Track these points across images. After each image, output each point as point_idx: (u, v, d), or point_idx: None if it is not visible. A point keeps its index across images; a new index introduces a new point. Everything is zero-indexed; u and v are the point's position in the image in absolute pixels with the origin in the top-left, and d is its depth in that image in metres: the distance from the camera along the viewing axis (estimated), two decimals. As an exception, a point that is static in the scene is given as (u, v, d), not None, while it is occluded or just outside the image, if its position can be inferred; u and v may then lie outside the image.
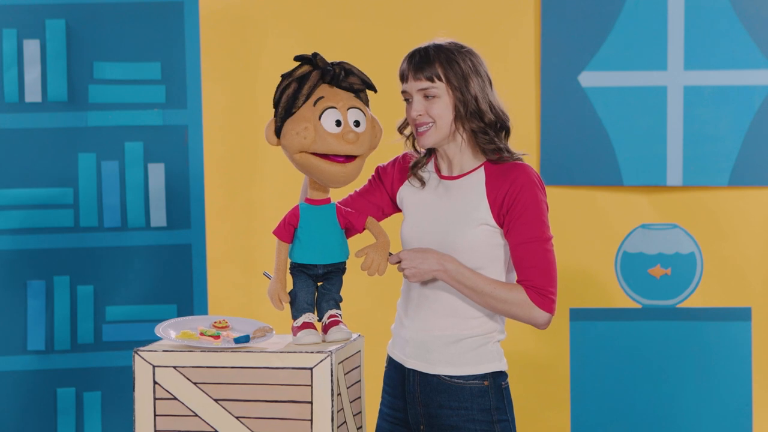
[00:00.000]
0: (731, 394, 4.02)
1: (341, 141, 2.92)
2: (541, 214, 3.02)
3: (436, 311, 3.06)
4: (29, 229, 4.07)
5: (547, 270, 3.01)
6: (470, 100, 3.01)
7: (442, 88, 3.01)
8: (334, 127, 2.92)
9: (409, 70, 3.03)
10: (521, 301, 3.00)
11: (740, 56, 4.42)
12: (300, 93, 2.93)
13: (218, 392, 2.86)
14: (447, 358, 3.06)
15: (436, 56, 3.01)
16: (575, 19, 4.47)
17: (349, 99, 2.96)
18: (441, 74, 3.01)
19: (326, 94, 2.95)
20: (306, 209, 2.99)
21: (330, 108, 2.93)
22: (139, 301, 4.12)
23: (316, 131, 2.92)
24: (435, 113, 3.02)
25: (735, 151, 4.44)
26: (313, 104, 2.93)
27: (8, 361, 4.07)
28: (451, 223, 3.04)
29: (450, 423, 3.06)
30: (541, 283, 3.00)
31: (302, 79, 2.94)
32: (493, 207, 3.01)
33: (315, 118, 2.92)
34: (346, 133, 2.92)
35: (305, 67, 2.95)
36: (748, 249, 4.48)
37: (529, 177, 3.03)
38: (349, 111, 2.94)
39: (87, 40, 4.09)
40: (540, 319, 3.02)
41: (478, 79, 3.03)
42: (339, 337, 2.97)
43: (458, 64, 3.02)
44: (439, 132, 3.04)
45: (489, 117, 3.03)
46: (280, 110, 2.94)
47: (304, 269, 3.00)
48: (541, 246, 3.01)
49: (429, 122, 3.03)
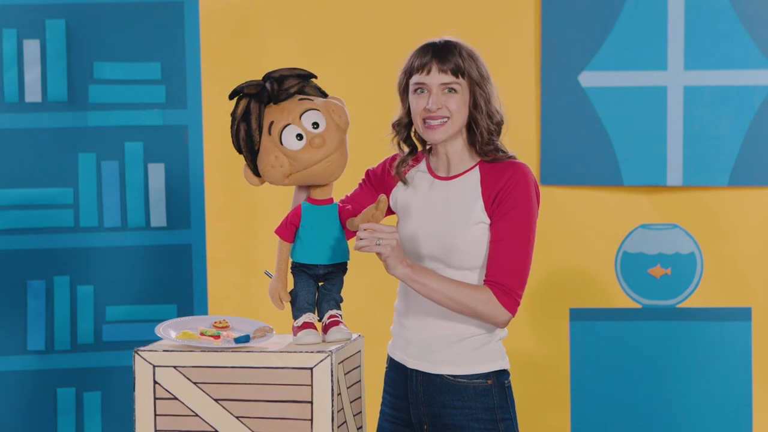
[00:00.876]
0: (731, 394, 4.02)
1: (311, 150, 2.92)
2: (529, 217, 3.01)
3: (437, 311, 3.05)
4: (29, 229, 4.07)
5: (520, 272, 3.00)
6: (486, 100, 3.03)
7: (464, 85, 3.02)
8: (298, 143, 2.92)
9: (433, 62, 3.01)
10: (486, 299, 2.97)
11: (740, 56, 4.42)
12: (252, 129, 2.93)
13: (218, 392, 2.86)
14: (450, 357, 3.06)
15: (460, 52, 3.02)
16: (575, 19, 4.47)
17: (296, 107, 2.95)
18: (465, 70, 3.01)
19: (274, 116, 2.94)
20: (308, 209, 3.00)
21: (286, 127, 2.92)
22: (139, 301, 4.12)
23: (286, 155, 2.92)
24: (453, 108, 3.01)
25: (735, 151, 4.44)
26: (268, 132, 2.93)
27: (8, 361, 4.07)
28: (449, 223, 3.03)
29: (454, 422, 3.06)
30: (510, 284, 2.98)
31: (246, 115, 2.94)
32: (487, 202, 3.01)
33: (277, 144, 2.92)
34: (312, 140, 2.92)
35: (242, 102, 2.94)
36: (748, 249, 4.48)
37: (526, 177, 3.03)
38: (303, 117, 2.93)
39: (87, 40, 4.09)
40: (501, 317, 3.00)
41: (490, 81, 3.06)
42: (339, 337, 2.97)
43: (476, 62, 3.03)
44: (453, 127, 3.03)
45: (497, 118, 3.06)
46: (245, 153, 2.95)
47: (305, 269, 3.00)
48: (520, 247, 3.00)
49: (445, 117, 3.02)
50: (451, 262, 3.02)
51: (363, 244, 2.91)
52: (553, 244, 4.44)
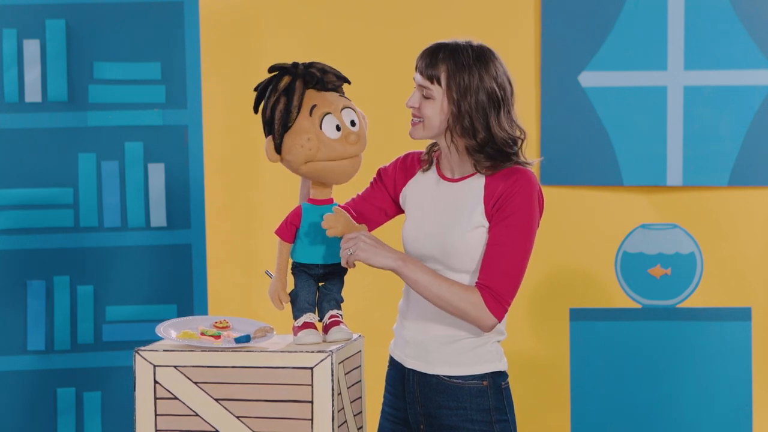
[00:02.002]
0: (731, 394, 4.02)
1: (345, 144, 2.95)
2: (529, 224, 2.98)
3: (435, 312, 3.05)
4: (29, 229, 4.07)
5: (512, 279, 2.97)
6: (465, 116, 2.96)
7: (439, 92, 2.99)
8: (335, 133, 2.95)
9: (419, 62, 3.01)
10: (475, 301, 2.95)
11: (740, 56, 4.42)
12: (291, 105, 2.93)
13: (219, 392, 2.86)
14: (446, 358, 3.05)
15: (445, 60, 2.97)
16: (575, 19, 4.47)
17: (338, 100, 2.98)
18: (442, 79, 2.98)
19: (317, 101, 2.95)
20: (308, 209, 3.00)
21: (327, 114, 2.94)
22: (139, 301, 4.12)
23: (320, 140, 2.93)
24: (425, 113, 3.00)
25: (735, 151, 4.44)
26: (309, 114, 2.94)
27: (8, 361, 4.06)
28: (450, 225, 3.03)
29: (449, 423, 3.05)
30: (500, 289, 2.95)
31: (288, 91, 2.94)
32: (487, 206, 3.00)
33: (316, 127, 2.94)
34: (348, 135, 2.95)
35: (286, 78, 2.95)
36: (748, 249, 4.48)
37: (530, 185, 2.99)
38: (343, 112, 2.97)
39: (87, 40, 4.09)
40: (488, 321, 2.97)
41: (479, 96, 2.96)
42: (339, 337, 2.97)
43: (465, 75, 2.96)
44: (427, 131, 3.02)
45: (481, 136, 2.97)
46: (277, 127, 2.94)
47: (306, 269, 3.00)
48: (516, 254, 2.97)
49: (419, 117, 3.03)
50: (450, 264, 3.02)
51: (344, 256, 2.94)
52: (553, 244, 4.44)
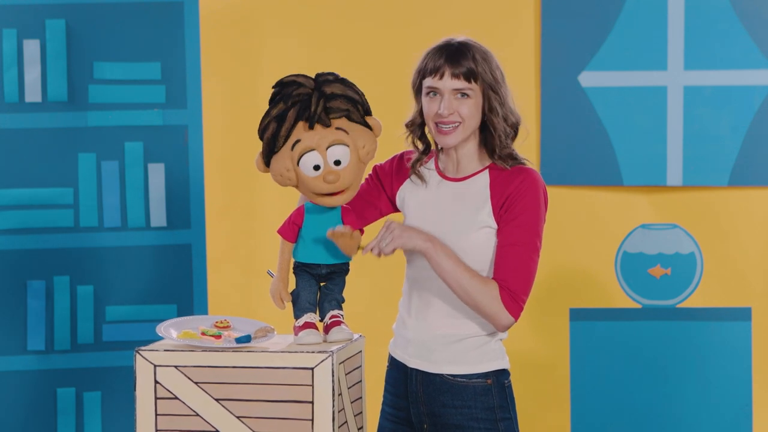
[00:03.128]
0: (731, 394, 4.02)
1: (322, 183, 2.91)
2: (537, 223, 3.00)
3: (437, 311, 3.05)
4: (29, 229, 4.07)
5: (526, 277, 2.99)
6: (501, 103, 3.00)
7: (476, 89, 2.99)
8: (312, 172, 2.90)
9: (446, 66, 2.97)
10: (494, 296, 2.97)
11: (740, 56, 4.42)
12: (279, 134, 2.91)
13: (219, 392, 2.86)
14: (449, 357, 3.06)
15: (474, 55, 2.98)
16: (575, 19, 4.47)
17: (328, 135, 2.91)
18: (478, 74, 2.98)
19: (302, 136, 2.90)
20: (311, 209, 3.00)
21: (309, 152, 2.90)
22: (139, 301, 4.11)
23: (297, 175, 2.92)
24: (465, 113, 2.98)
25: (735, 151, 4.44)
26: (290, 148, 2.91)
27: (8, 361, 4.06)
28: (455, 225, 3.03)
29: (453, 422, 3.06)
30: (516, 288, 2.97)
31: (279, 118, 2.92)
32: (495, 207, 3.00)
33: (294, 163, 2.91)
34: (326, 174, 2.90)
35: (280, 105, 2.91)
36: (748, 249, 4.48)
37: (536, 183, 3.01)
38: (330, 150, 2.91)
39: (87, 40, 4.09)
40: (504, 320, 2.98)
41: (504, 82, 3.03)
42: (340, 337, 2.97)
43: (490, 66, 3.00)
44: (465, 132, 3.01)
45: (511, 120, 3.03)
46: (264, 148, 2.94)
47: (308, 269, 3.00)
48: (527, 253, 2.98)
49: (457, 122, 3.00)
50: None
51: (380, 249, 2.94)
52: (553, 244, 4.42)
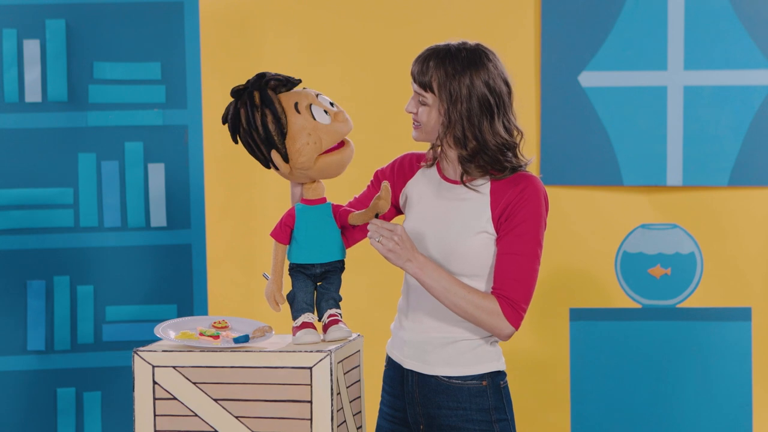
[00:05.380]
0: (731, 394, 4.02)
1: (339, 124, 2.97)
2: (538, 231, 3.00)
3: (432, 313, 3.05)
4: (29, 229, 4.07)
5: (527, 286, 2.99)
6: (455, 125, 2.98)
7: (432, 99, 3.01)
8: (326, 118, 2.96)
9: (414, 68, 3.03)
10: (492, 310, 2.97)
11: (740, 56, 4.42)
12: (278, 112, 2.93)
13: (218, 392, 2.86)
14: (444, 358, 3.06)
15: (436, 67, 2.99)
16: (575, 19, 4.47)
17: (306, 92, 2.99)
18: (434, 87, 2.99)
19: (295, 99, 2.96)
20: (302, 210, 3.00)
21: (311, 105, 2.96)
22: (139, 301, 4.12)
23: (319, 130, 2.94)
24: (422, 119, 3.04)
25: (735, 151, 4.44)
26: (297, 112, 2.94)
27: (8, 361, 4.07)
28: (452, 228, 3.03)
29: (448, 423, 3.06)
30: (516, 297, 2.98)
31: (265, 103, 2.94)
32: (495, 214, 3.00)
33: (310, 121, 2.94)
34: (336, 114, 2.97)
35: (256, 93, 2.94)
36: (748, 249, 4.48)
37: (537, 191, 3.00)
38: (319, 98, 2.99)
39: (87, 40, 4.09)
40: (505, 330, 2.99)
41: (470, 104, 2.97)
42: (338, 335, 2.97)
43: (456, 83, 2.97)
44: (425, 135, 3.05)
45: (472, 145, 2.99)
46: (277, 137, 2.94)
47: (303, 269, 3.00)
48: (528, 261, 2.99)
49: (418, 122, 3.06)
50: (449, 266, 3.02)
51: (369, 236, 2.96)
52: (553, 244, 4.42)
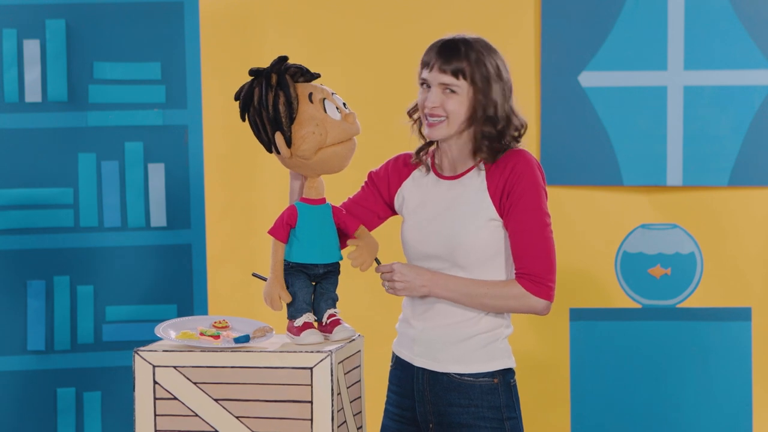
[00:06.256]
0: (731, 394, 4.02)
1: (347, 124, 2.97)
2: (540, 199, 3.02)
3: (443, 310, 3.06)
4: (29, 229, 4.07)
5: (545, 257, 3.01)
6: (489, 105, 3.01)
7: (464, 86, 3.00)
8: (337, 114, 2.96)
9: (437, 60, 3.01)
10: (518, 294, 2.99)
11: (740, 56, 4.42)
12: (291, 97, 2.94)
13: (218, 392, 2.86)
14: (456, 356, 3.06)
15: (466, 53, 3.00)
16: (575, 19, 4.47)
17: (321, 88, 3.00)
18: (467, 72, 3.00)
19: (310, 90, 2.97)
20: (304, 209, 3.00)
21: (325, 99, 2.97)
22: (139, 301, 4.12)
23: (327, 124, 2.94)
24: (450, 109, 3.01)
25: (735, 151, 4.44)
26: (310, 102, 2.95)
27: (8, 361, 4.07)
28: (457, 222, 3.03)
29: (460, 421, 3.06)
30: (538, 271, 2.99)
31: (281, 86, 2.94)
32: (494, 197, 3.01)
33: (321, 112, 2.94)
34: (347, 116, 2.98)
35: (274, 76, 2.95)
36: (748, 249, 4.48)
37: (529, 162, 3.03)
38: (334, 97, 3.00)
39: (87, 40, 4.09)
40: (538, 306, 3.02)
41: (500, 84, 3.03)
42: (345, 335, 2.98)
43: (485, 65, 3.01)
44: (450, 128, 3.03)
45: (502, 125, 3.03)
46: (284, 120, 2.93)
47: (304, 269, 3.00)
48: (539, 233, 3.00)
49: (442, 116, 3.02)
50: (457, 260, 3.03)
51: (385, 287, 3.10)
52: (553, 244, 4.44)
